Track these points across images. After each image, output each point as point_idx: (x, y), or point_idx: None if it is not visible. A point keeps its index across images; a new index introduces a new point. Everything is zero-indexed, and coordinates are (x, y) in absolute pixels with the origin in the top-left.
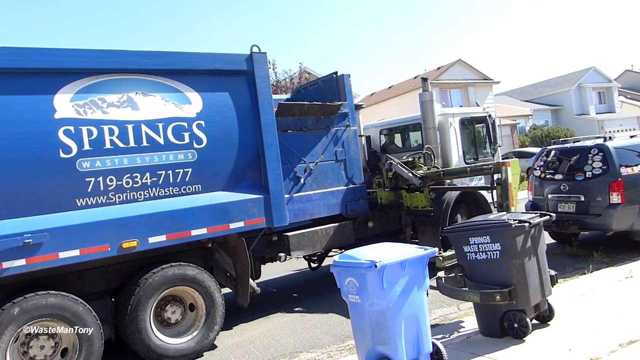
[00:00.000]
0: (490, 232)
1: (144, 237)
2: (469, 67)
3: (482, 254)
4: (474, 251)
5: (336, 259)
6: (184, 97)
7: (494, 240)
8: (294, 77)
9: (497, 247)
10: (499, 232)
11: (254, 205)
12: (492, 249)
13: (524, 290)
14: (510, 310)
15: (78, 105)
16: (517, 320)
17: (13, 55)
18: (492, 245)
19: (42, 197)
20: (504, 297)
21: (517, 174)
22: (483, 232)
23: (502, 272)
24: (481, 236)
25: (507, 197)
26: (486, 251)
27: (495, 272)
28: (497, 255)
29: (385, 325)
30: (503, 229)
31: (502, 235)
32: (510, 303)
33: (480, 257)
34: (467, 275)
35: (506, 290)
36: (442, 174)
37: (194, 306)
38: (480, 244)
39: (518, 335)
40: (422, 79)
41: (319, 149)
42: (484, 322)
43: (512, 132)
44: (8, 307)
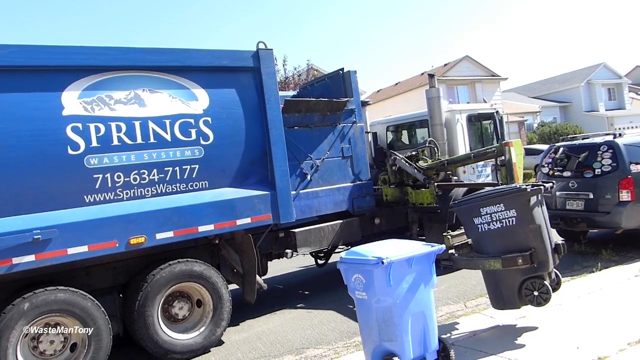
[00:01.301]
0: (504, 200)
1: (152, 233)
2: (477, 63)
3: (495, 223)
4: (487, 222)
5: (343, 256)
6: (190, 94)
7: (509, 207)
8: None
9: (513, 214)
10: (514, 197)
11: (260, 202)
12: (507, 216)
13: (544, 254)
14: (528, 278)
15: (86, 102)
16: (537, 287)
17: (21, 53)
18: (507, 212)
19: (50, 194)
20: (526, 260)
21: (520, 154)
22: (496, 201)
23: (520, 238)
24: (494, 205)
25: (512, 177)
26: (500, 219)
27: (512, 239)
28: (514, 221)
29: (391, 321)
30: (519, 193)
31: (518, 201)
32: (528, 270)
33: (493, 227)
34: (477, 250)
35: (527, 253)
36: (446, 163)
37: (201, 302)
38: (493, 212)
39: (540, 302)
40: (429, 76)
41: (325, 146)
42: (499, 294)
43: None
44: (18, 302)
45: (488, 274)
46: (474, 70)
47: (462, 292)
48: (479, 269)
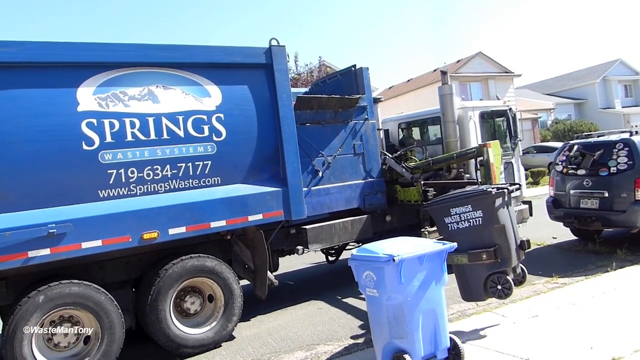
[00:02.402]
0: (471, 201)
1: (164, 228)
2: (490, 60)
3: (464, 223)
4: (456, 221)
5: (354, 253)
6: (203, 90)
7: (476, 208)
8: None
9: (479, 214)
10: (480, 199)
11: (272, 198)
12: (474, 217)
13: (507, 250)
14: (493, 273)
15: (100, 98)
16: (501, 282)
17: (37, 49)
18: (474, 213)
19: (65, 188)
20: (490, 256)
21: (498, 155)
22: (464, 202)
23: (485, 236)
24: (462, 206)
25: (490, 177)
26: (468, 219)
27: (478, 237)
28: (480, 221)
29: (402, 319)
30: (484, 196)
31: (484, 202)
32: (492, 266)
33: (462, 226)
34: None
35: (491, 249)
36: (432, 163)
37: (213, 297)
38: (462, 213)
39: (501, 295)
40: (441, 72)
41: (337, 143)
42: (467, 287)
43: (534, 126)
44: (33, 295)
45: (457, 269)
46: (487, 66)
47: None
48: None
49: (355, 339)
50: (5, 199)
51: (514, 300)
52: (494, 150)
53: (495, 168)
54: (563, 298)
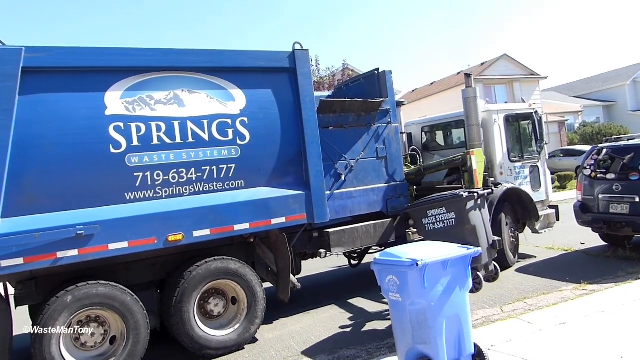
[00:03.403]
0: (445, 204)
1: (189, 230)
2: (515, 62)
3: (439, 224)
4: (432, 222)
5: (377, 257)
6: (228, 94)
7: (449, 210)
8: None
9: (453, 216)
10: (453, 202)
11: (295, 202)
12: (448, 218)
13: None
14: None
15: (127, 103)
16: (472, 277)
17: (67, 54)
18: (448, 214)
19: (93, 191)
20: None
21: (480, 162)
22: (439, 205)
23: (458, 235)
24: (438, 208)
25: (472, 182)
26: (443, 220)
27: (452, 236)
28: (453, 222)
29: (426, 324)
30: (457, 199)
31: (456, 205)
32: None
33: (437, 227)
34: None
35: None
36: (423, 169)
37: (236, 299)
38: (437, 214)
39: (472, 291)
40: (465, 75)
41: (360, 146)
42: None
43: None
44: (62, 295)
45: None
46: (512, 69)
47: (499, 296)
48: None
49: (378, 343)
50: (35, 200)
51: (540, 307)
52: (476, 157)
53: (477, 174)
54: (592, 305)
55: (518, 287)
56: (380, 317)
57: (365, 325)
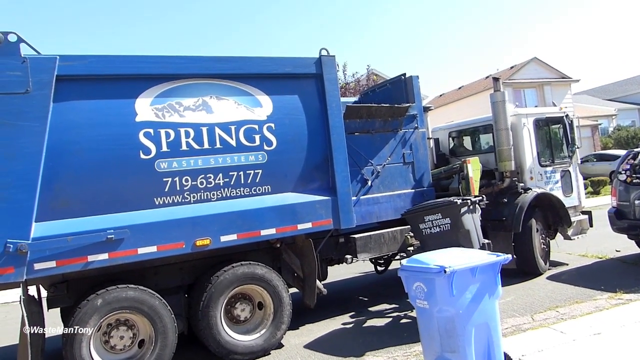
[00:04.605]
0: (441, 210)
1: (217, 235)
2: (545, 65)
3: (435, 228)
4: (429, 227)
5: (404, 263)
6: (255, 100)
7: (445, 215)
8: (361, 79)
9: (447, 221)
10: (448, 208)
11: (321, 207)
12: (443, 223)
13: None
14: None
15: (157, 109)
16: None
17: (99, 62)
18: (443, 220)
19: (123, 196)
20: None
21: (477, 170)
22: (435, 211)
23: (453, 239)
24: (434, 214)
25: (469, 189)
26: (439, 225)
27: (447, 240)
28: (448, 227)
29: (454, 332)
30: (451, 205)
31: (451, 211)
32: None
33: (434, 231)
34: (423, 249)
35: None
36: None
37: (263, 305)
38: (433, 220)
39: None
40: (493, 79)
41: (386, 152)
42: None
43: (593, 133)
44: (92, 298)
45: None
46: (542, 72)
47: (529, 305)
48: None
49: (405, 351)
50: (67, 205)
51: (573, 316)
52: (472, 165)
53: (474, 181)
54: (628, 315)
55: (550, 295)
56: (408, 324)
57: (392, 332)
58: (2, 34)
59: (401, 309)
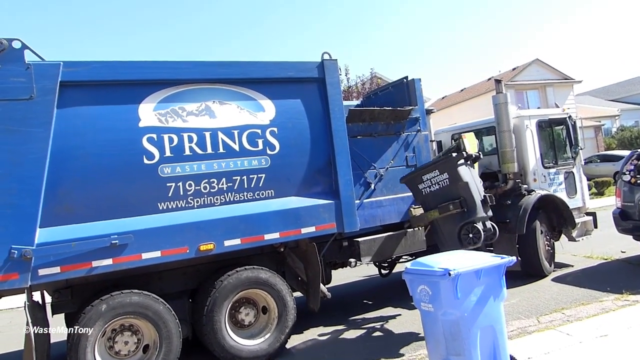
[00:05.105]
0: (438, 166)
1: (220, 240)
2: (547, 66)
3: (434, 186)
4: (428, 186)
5: (408, 266)
6: (257, 105)
7: (442, 171)
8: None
9: (446, 176)
10: (445, 163)
11: (325, 211)
12: (441, 179)
13: (472, 202)
14: (464, 224)
15: (160, 114)
16: (472, 231)
17: (102, 68)
18: (441, 176)
19: (127, 201)
20: (456, 206)
21: (473, 144)
22: (432, 168)
23: (453, 193)
24: (431, 172)
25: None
26: (437, 182)
27: (447, 195)
28: (447, 182)
29: (459, 335)
30: (447, 159)
31: (448, 165)
32: (462, 217)
33: (433, 189)
34: (424, 209)
35: (457, 200)
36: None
37: (267, 309)
38: (431, 178)
39: (473, 242)
40: (495, 81)
41: (389, 155)
42: (444, 241)
43: (597, 134)
44: (97, 304)
45: (435, 228)
46: (544, 73)
47: (535, 307)
48: (425, 221)
49: (410, 354)
50: (71, 210)
51: (579, 318)
52: (469, 140)
53: None
54: (635, 316)
55: (555, 297)
56: (412, 327)
57: (396, 335)
58: (7, 41)
59: (405, 312)
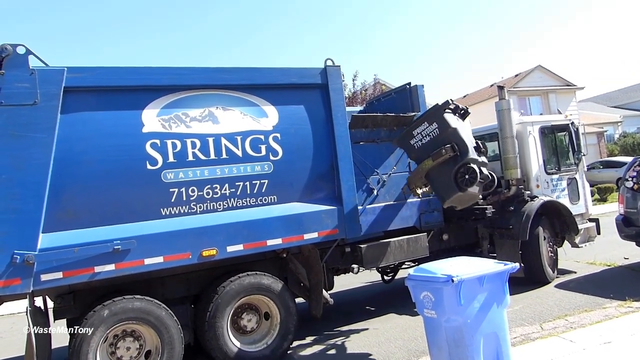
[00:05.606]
0: (426, 118)
1: (223, 246)
2: (550, 73)
3: (426, 138)
4: (419, 139)
5: (411, 273)
6: (261, 111)
7: (430, 122)
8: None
9: (435, 126)
10: (432, 113)
11: (327, 217)
12: (431, 130)
13: (463, 144)
14: (459, 167)
15: (164, 120)
16: (468, 172)
17: (106, 74)
18: (430, 127)
19: (130, 206)
20: (448, 150)
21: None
22: (421, 121)
23: (444, 140)
24: (420, 125)
25: None
26: (428, 134)
27: (438, 144)
28: (437, 131)
29: (462, 342)
30: (434, 109)
31: (436, 115)
32: (455, 161)
33: (425, 141)
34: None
35: (449, 145)
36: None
37: (269, 315)
38: (421, 131)
39: (469, 183)
40: (498, 87)
41: (392, 160)
42: (443, 188)
43: (599, 140)
44: (99, 309)
45: (432, 179)
46: (547, 80)
47: (538, 313)
48: (421, 174)
49: None
50: (74, 216)
51: (583, 325)
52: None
53: None
54: (638, 323)
55: (558, 303)
56: (415, 333)
57: (399, 342)
58: (11, 46)
59: (408, 318)
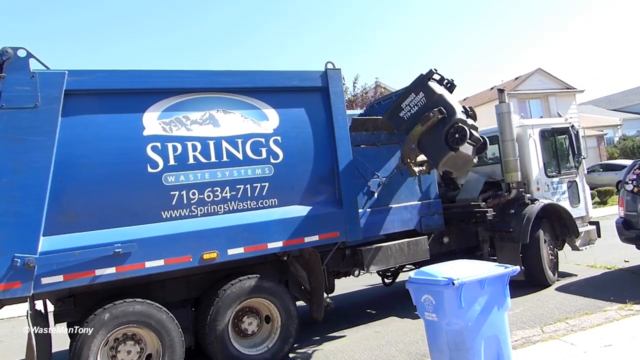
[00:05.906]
0: (413, 89)
1: (224, 248)
2: (550, 76)
3: (414, 108)
4: (408, 110)
5: (412, 275)
6: (261, 114)
7: (417, 92)
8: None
9: (422, 95)
10: (418, 83)
11: (328, 219)
12: (419, 100)
13: (450, 107)
14: (449, 128)
15: (164, 123)
16: (457, 131)
17: (107, 77)
18: (417, 97)
19: (130, 209)
20: (435, 113)
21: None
22: (407, 93)
23: (432, 105)
24: (407, 96)
25: None
26: (416, 104)
27: (427, 108)
28: (424, 100)
29: (463, 345)
30: (420, 79)
31: (422, 84)
32: (443, 123)
33: (414, 111)
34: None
35: (436, 109)
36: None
37: (270, 318)
38: (409, 102)
39: (459, 141)
40: (498, 90)
41: (392, 163)
42: (434, 152)
43: (599, 143)
44: (99, 313)
45: (424, 148)
46: (547, 83)
47: (539, 316)
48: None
49: None
50: (75, 219)
51: (583, 328)
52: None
53: None
54: (639, 326)
55: (559, 306)
56: (416, 337)
57: (400, 345)
58: (12, 50)
59: (409, 321)
